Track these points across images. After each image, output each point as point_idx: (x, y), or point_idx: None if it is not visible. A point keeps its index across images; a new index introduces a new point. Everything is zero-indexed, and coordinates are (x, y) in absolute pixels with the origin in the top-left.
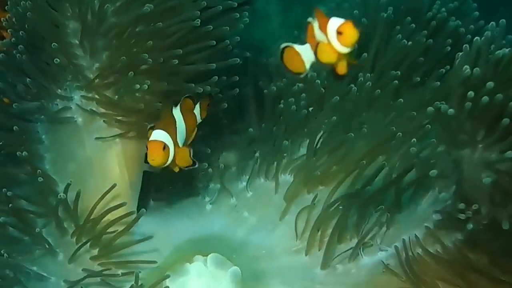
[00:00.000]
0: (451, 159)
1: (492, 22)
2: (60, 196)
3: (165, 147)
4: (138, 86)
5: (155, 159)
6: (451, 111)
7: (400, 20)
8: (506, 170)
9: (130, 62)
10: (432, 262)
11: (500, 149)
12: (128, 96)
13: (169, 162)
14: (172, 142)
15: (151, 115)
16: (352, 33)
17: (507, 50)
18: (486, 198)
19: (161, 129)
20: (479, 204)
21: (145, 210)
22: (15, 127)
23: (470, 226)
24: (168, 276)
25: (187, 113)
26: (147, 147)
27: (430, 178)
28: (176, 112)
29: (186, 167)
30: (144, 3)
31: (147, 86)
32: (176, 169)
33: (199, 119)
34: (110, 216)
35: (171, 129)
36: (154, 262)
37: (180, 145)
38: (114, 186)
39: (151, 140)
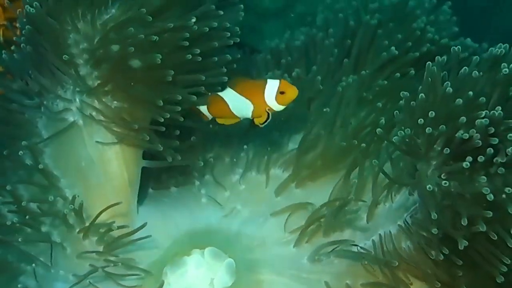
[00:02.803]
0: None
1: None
2: (66, 211)
3: None
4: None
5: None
6: (407, 131)
7: (384, 25)
8: (454, 190)
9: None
10: (401, 257)
11: (448, 170)
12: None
13: None
14: None
15: (146, 128)
16: None
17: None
18: (436, 209)
19: None
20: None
21: (147, 222)
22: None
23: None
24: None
25: None
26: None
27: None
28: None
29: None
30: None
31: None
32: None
33: None
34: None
35: None
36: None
37: None
38: (119, 203)
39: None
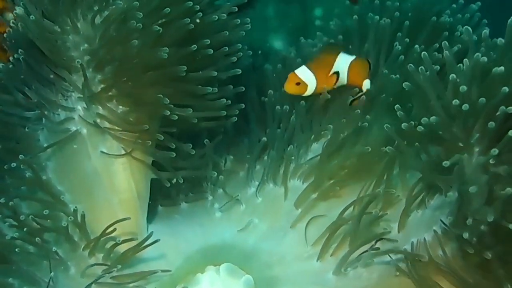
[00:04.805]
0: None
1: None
2: (63, 224)
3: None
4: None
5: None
6: (433, 118)
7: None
8: (503, 173)
9: (133, 75)
10: (436, 265)
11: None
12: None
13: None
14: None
15: (154, 131)
16: None
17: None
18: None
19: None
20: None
21: (159, 239)
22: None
23: (466, 235)
24: None
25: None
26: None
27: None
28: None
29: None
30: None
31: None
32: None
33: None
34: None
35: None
36: (167, 272)
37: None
38: (126, 219)
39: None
